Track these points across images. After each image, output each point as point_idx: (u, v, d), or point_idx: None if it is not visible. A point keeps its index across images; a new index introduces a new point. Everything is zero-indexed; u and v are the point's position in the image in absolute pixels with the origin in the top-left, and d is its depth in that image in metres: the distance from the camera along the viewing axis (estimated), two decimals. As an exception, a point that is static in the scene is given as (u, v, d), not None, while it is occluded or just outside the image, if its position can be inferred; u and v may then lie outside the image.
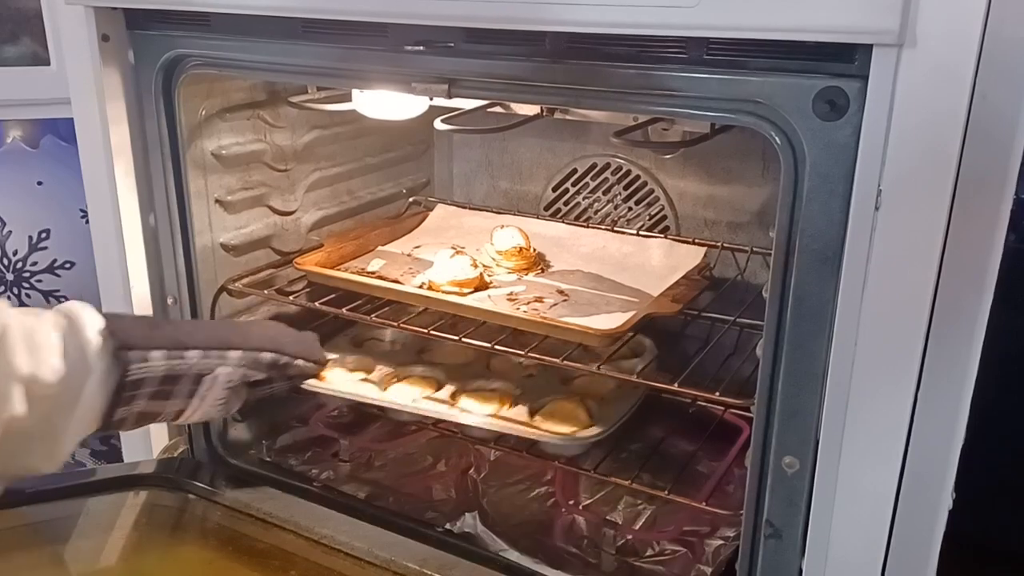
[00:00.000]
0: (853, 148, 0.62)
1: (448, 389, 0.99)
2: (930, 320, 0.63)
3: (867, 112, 0.61)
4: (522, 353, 0.89)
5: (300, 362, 0.88)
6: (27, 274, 1.57)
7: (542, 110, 0.92)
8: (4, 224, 1.55)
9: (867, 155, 0.62)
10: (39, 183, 1.58)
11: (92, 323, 0.73)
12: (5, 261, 1.55)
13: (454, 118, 0.90)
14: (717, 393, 0.80)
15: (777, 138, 0.66)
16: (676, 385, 0.83)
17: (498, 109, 0.99)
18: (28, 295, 1.58)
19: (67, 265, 1.58)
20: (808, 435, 0.70)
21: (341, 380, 1.01)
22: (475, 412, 0.94)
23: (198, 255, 1.01)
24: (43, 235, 1.56)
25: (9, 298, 1.58)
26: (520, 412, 0.93)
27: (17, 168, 1.59)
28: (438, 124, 0.88)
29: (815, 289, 0.66)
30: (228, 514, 0.92)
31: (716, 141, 1.09)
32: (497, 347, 0.91)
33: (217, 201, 1.03)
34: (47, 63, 1.30)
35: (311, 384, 0.91)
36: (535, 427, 0.91)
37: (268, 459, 1.08)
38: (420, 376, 1.02)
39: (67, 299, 1.59)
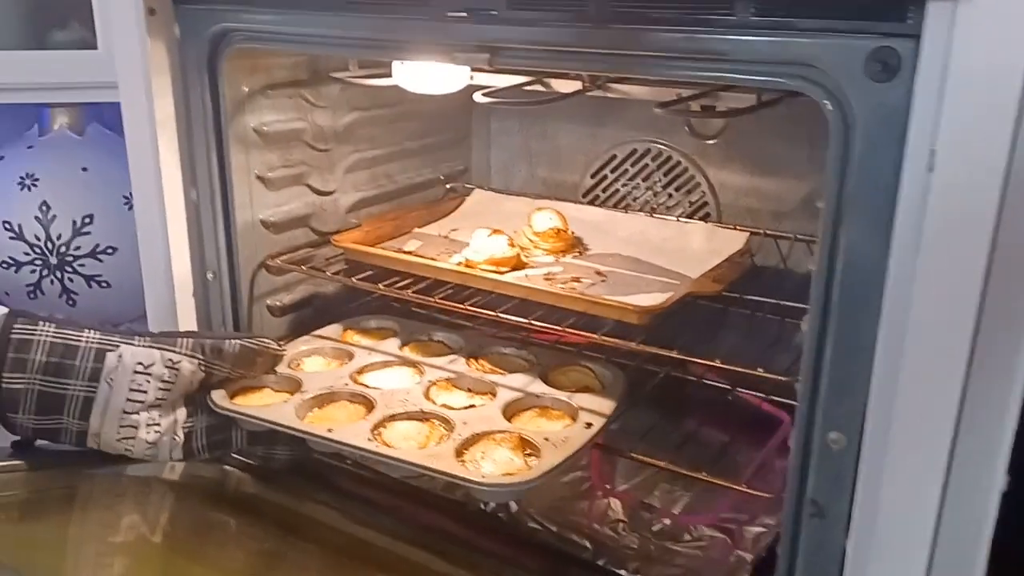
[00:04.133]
0: (905, 110, 0.60)
1: (378, 415, 0.85)
2: (984, 288, 0.61)
3: (920, 72, 0.59)
4: (560, 329, 0.88)
5: (247, 341, 0.88)
6: (70, 258, 1.59)
7: (583, 86, 0.91)
8: (49, 208, 1.57)
9: (920, 116, 0.60)
10: (84, 169, 1.60)
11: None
12: (49, 245, 1.58)
13: (493, 94, 0.89)
14: (760, 369, 0.78)
15: (827, 101, 0.64)
16: (718, 362, 0.81)
17: (538, 87, 0.98)
18: (71, 279, 1.61)
19: (109, 251, 1.60)
20: (856, 410, 0.67)
21: (260, 401, 0.90)
22: (398, 445, 0.81)
23: (239, 231, 1.01)
24: (87, 220, 1.58)
25: (52, 283, 1.61)
26: (447, 449, 0.79)
27: (63, 154, 1.62)
28: (478, 97, 0.87)
29: (865, 258, 0.64)
30: (262, 486, 0.91)
31: (760, 125, 1.08)
32: (535, 322, 0.89)
33: (258, 177, 1.03)
34: (95, 47, 1.32)
35: (220, 405, 0.86)
36: (453, 473, 0.76)
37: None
38: (348, 400, 0.89)
39: (109, 285, 1.62)
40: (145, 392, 0.84)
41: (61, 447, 0.85)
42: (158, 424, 0.86)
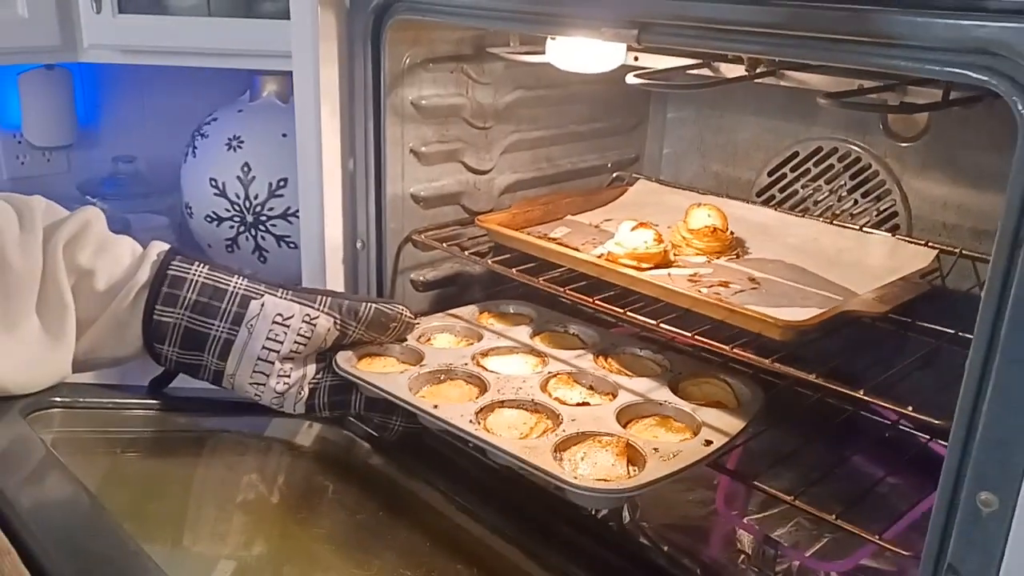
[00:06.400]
0: (1120, 111, 0.49)
1: (488, 398, 0.83)
2: None
3: None
4: (689, 335, 0.81)
5: (382, 306, 0.89)
6: (263, 218, 1.69)
7: (748, 71, 0.82)
8: (250, 170, 1.68)
9: None
10: (284, 135, 1.70)
11: (160, 245, 0.87)
12: (247, 204, 1.69)
13: (647, 75, 0.83)
14: (910, 408, 0.67)
15: (1017, 99, 0.53)
16: (861, 392, 0.71)
17: (706, 71, 0.90)
18: (263, 237, 1.71)
19: (298, 214, 1.68)
20: (1016, 470, 0.56)
21: (382, 368, 0.90)
22: (500, 433, 0.78)
23: (388, 203, 1.02)
24: (281, 183, 1.67)
25: (247, 239, 1.72)
26: (546, 444, 0.75)
27: (268, 120, 1.71)
28: (630, 79, 0.81)
29: (1047, 290, 0.53)
30: (377, 456, 0.91)
31: (967, 128, 0.95)
32: (663, 325, 0.83)
33: (412, 151, 1.03)
34: (292, 17, 1.38)
35: (341, 367, 0.87)
36: (544, 468, 0.71)
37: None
38: (464, 380, 0.88)
39: (295, 246, 1.71)
40: (281, 343, 0.86)
41: (196, 394, 0.89)
42: (288, 376, 0.87)
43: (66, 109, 1.72)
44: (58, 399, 0.81)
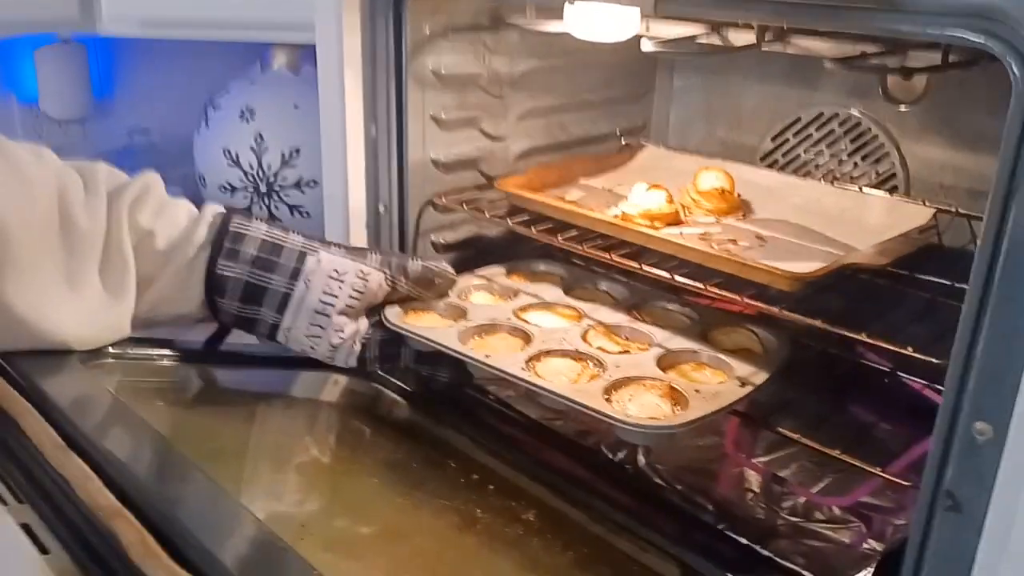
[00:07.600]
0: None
1: (534, 348, 0.88)
2: None
3: None
4: (702, 287, 0.86)
5: (428, 263, 0.93)
6: (277, 188, 1.73)
7: (758, 39, 0.87)
8: (263, 140, 1.72)
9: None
10: (295, 106, 1.73)
11: (214, 207, 0.90)
12: (260, 174, 1.73)
13: (667, 43, 0.88)
14: (910, 348, 0.73)
15: (1012, 61, 0.58)
16: (864, 336, 0.76)
17: (715, 40, 0.95)
18: (276, 207, 1.75)
19: (311, 184, 1.72)
20: (1008, 401, 0.61)
21: (427, 324, 0.95)
22: (550, 379, 0.82)
23: (410, 168, 1.07)
24: (294, 153, 1.71)
25: (260, 208, 1.76)
26: (595, 387, 0.80)
27: (279, 91, 1.75)
28: (645, 44, 0.86)
29: (1037, 235, 0.58)
30: (409, 408, 0.96)
31: (964, 92, 0.99)
32: (678, 278, 0.88)
33: (432, 118, 1.08)
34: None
35: (392, 322, 0.91)
36: (597, 408, 0.76)
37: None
38: (508, 333, 0.93)
39: (308, 215, 1.75)
40: (336, 297, 0.90)
41: (248, 351, 0.95)
42: (342, 330, 0.91)
43: (82, 82, 1.75)
44: (111, 350, 0.86)
